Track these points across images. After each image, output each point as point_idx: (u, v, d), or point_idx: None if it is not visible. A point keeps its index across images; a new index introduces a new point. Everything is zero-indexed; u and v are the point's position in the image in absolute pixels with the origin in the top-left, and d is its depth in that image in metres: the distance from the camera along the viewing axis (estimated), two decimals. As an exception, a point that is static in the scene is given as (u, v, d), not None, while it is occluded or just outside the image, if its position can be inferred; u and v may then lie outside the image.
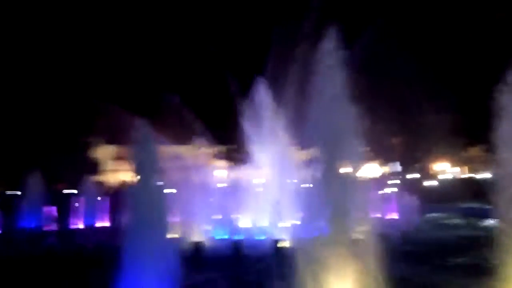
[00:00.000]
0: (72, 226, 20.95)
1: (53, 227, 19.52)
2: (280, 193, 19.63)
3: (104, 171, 54.84)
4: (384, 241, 13.87)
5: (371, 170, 55.48)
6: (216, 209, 18.08)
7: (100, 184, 46.45)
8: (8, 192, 36.43)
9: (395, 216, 19.77)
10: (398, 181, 39.00)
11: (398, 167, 46.24)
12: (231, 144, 53.67)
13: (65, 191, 36.85)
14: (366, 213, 17.56)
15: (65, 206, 22.90)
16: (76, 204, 23.46)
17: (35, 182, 26.84)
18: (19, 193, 33.76)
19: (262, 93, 23.57)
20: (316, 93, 7.76)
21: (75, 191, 33.54)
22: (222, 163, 57.13)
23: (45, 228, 19.60)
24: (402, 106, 37.47)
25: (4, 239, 17.31)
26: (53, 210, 21.38)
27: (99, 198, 30.64)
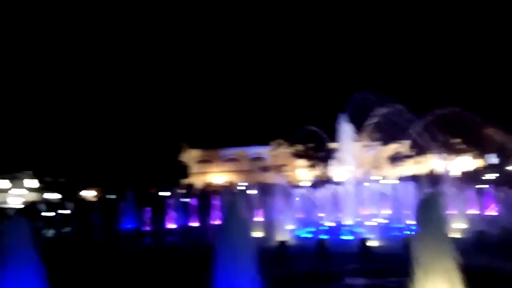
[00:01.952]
0: (166, 227, 22.24)
1: (149, 227, 20.92)
2: (365, 191, 19.13)
3: (192, 174, 57.73)
4: (483, 239, 12.89)
5: (465, 163, 51.52)
6: (300, 208, 18.11)
7: (189, 186, 49.06)
8: (108, 196, 39.91)
9: (494, 212, 18.23)
10: (496, 174, 35.77)
11: (495, 159, 42.41)
12: (310, 142, 53.45)
13: (159, 194, 39.31)
14: (461, 210, 16.43)
15: (159, 208, 24.48)
16: (169, 206, 24.95)
17: (131, 186, 29.17)
18: (114, 197, 36.86)
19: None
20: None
21: (167, 194, 35.73)
22: (303, 162, 57.06)
23: (142, 229, 21.09)
24: (498, 91, 34.34)
25: (106, 239, 18.93)
26: (148, 211, 22.93)
27: (187, 200, 32.33)
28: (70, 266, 12.59)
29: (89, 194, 47.52)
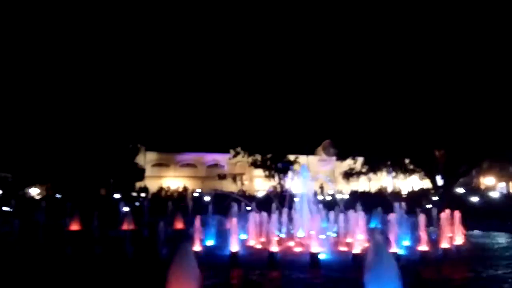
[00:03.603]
0: (115, 230, 21.55)
1: (97, 230, 20.17)
2: (318, 204, 19.47)
3: (146, 177, 56.41)
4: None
5: (413, 183, 53.84)
6: (254, 218, 18.13)
7: (143, 189, 47.90)
8: (55, 195, 38.22)
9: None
10: (439, 196, 37.64)
11: (440, 180, 44.59)
12: (268, 153, 53.92)
13: (110, 195, 38.08)
14: (406, 229, 17.02)
15: (108, 210, 23.69)
16: (120, 209, 24.25)
17: (80, 186, 28.22)
18: (61, 196, 35.35)
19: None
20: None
21: (118, 196, 34.75)
22: (259, 171, 57.43)
23: (89, 231, 20.29)
24: (445, 116, 36.19)
25: (50, 240, 18.13)
26: (97, 213, 22.12)
27: (137, 204, 31.63)
28: (8, 268, 11.92)
29: (34, 191, 45.27)
